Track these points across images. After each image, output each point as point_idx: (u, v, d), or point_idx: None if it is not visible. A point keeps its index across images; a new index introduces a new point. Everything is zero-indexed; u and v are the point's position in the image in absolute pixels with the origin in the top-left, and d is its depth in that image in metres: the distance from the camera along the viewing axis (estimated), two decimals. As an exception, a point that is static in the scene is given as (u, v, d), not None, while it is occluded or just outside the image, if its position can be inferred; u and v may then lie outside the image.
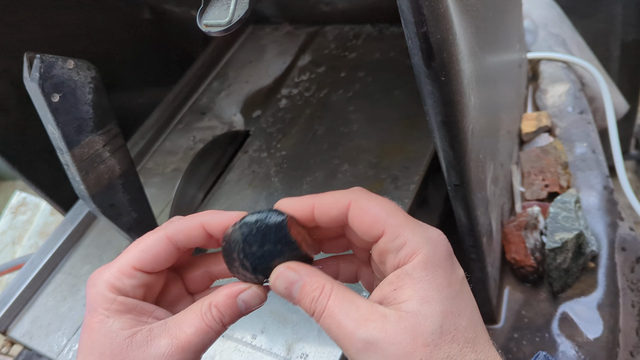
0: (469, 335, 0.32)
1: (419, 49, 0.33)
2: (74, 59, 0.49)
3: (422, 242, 0.33)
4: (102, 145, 0.54)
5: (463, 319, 0.32)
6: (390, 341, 0.30)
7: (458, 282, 0.33)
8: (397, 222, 0.33)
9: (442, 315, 0.31)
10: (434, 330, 0.30)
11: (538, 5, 0.96)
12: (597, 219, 0.66)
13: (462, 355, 0.31)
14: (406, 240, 0.33)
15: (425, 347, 0.30)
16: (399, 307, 0.31)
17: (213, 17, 0.38)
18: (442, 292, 0.32)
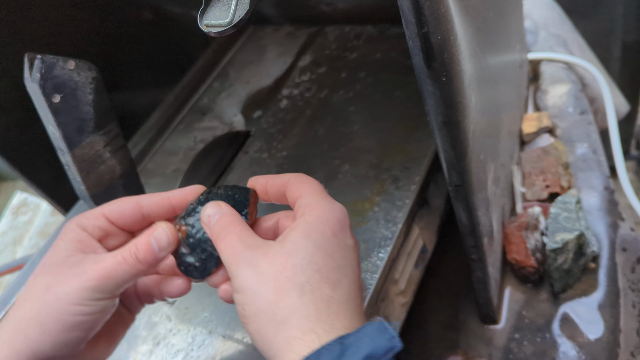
0: (334, 277, 0.37)
1: (420, 50, 0.33)
2: (75, 60, 0.50)
3: (326, 205, 0.40)
4: (102, 146, 0.54)
5: (334, 262, 0.38)
6: (267, 260, 0.37)
7: (343, 241, 0.39)
8: (311, 192, 0.42)
9: (316, 249, 0.37)
10: (304, 257, 0.37)
11: (539, 5, 0.96)
12: (598, 220, 0.66)
13: (320, 286, 0.36)
14: (312, 202, 0.40)
15: (293, 267, 0.36)
16: (286, 240, 0.38)
17: (214, 17, 0.39)
18: (324, 236, 0.38)
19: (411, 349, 0.67)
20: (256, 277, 0.37)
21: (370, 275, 0.54)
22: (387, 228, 0.58)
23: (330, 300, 0.36)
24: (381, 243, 0.57)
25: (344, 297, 0.37)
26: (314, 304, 0.36)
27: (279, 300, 0.36)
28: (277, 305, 0.36)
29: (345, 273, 0.38)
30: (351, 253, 0.39)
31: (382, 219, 0.59)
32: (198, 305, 0.58)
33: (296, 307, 0.36)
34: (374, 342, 0.34)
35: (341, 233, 0.39)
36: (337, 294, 0.37)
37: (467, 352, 0.64)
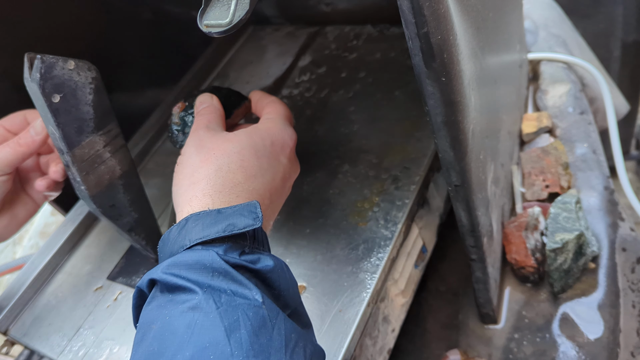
0: (251, 171, 0.46)
1: (420, 50, 0.33)
2: (75, 60, 0.50)
3: (280, 124, 0.51)
4: (102, 146, 0.54)
5: (258, 162, 0.46)
6: (211, 140, 0.47)
7: (276, 154, 0.49)
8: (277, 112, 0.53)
9: (249, 146, 0.47)
10: (235, 147, 0.46)
11: (539, 5, 0.96)
12: (597, 220, 0.66)
13: (236, 172, 0.45)
14: (272, 118, 0.52)
15: (223, 150, 0.46)
16: (233, 132, 0.49)
17: (214, 17, 0.39)
18: (262, 141, 0.48)
19: (411, 349, 0.67)
20: (195, 147, 0.47)
21: (370, 275, 0.54)
22: (386, 228, 0.58)
23: (238, 185, 0.44)
24: (381, 243, 0.57)
25: (251, 189, 0.45)
26: (223, 180, 0.44)
27: (200, 167, 0.45)
28: (196, 170, 0.45)
29: (263, 174, 0.46)
30: (279, 166, 0.48)
31: (382, 218, 0.59)
32: (198, 305, 0.58)
33: (209, 176, 0.44)
34: (241, 216, 0.41)
35: (279, 149, 0.49)
36: (246, 183, 0.45)
37: (466, 352, 0.64)
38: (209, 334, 0.35)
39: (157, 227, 0.63)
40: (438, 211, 0.66)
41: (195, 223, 0.41)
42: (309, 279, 0.57)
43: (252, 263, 0.39)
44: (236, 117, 0.56)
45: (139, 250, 0.64)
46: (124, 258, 0.67)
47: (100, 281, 0.66)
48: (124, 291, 0.64)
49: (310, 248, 0.59)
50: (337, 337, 0.51)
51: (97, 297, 0.64)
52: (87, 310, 0.63)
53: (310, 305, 0.54)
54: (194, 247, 0.40)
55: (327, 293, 0.55)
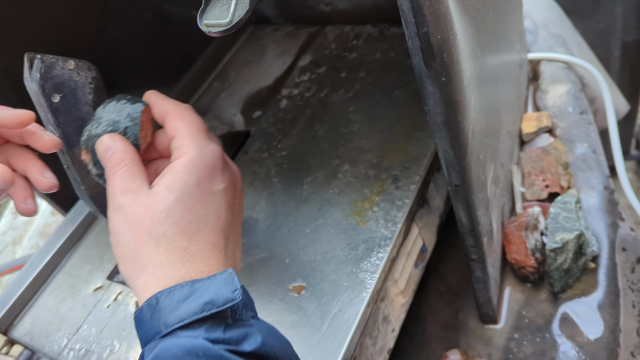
0: (190, 228, 0.40)
1: (420, 50, 0.33)
2: (75, 59, 0.49)
3: (195, 149, 0.42)
4: (102, 146, 0.54)
5: (193, 214, 0.40)
6: (134, 208, 0.40)
7: (208, 189, 0.41)
8: (186, 132, 0.43)
9: (175, 203, 0.40)
10: (162, 210, 0.39)
11: (538, 5, 0.96)
12: (597, 220, 0.66)
13: (175, 238, 0.39)
14: (184, 144, 0.42)
15: (152, 219, 0.39)
16: (153, 189, 0.41)
17: (213, 17, 0.39)
18: (186, 188, 0.40)
19: (411, 349, 0.67)
20: (123, 224, 0.41)
21: (370, 275, 0.54)
22: (386, 228, 0.58)
23: (185, 251, 0.39)
24: (381, 243, 0.57)
25: (200, 246, 0.40)
26: (168, 254, 0.39)
27: (138, 249, 0.40)
28: (137, 253, 0.40)
29: (205, 223, 0.41)
30: (217, 199, 0.42)
31: (382, 218, 0.59)
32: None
33: (152, 256, 0.39)
34: (218, 290, 0.37)
35: (207, 181, 0.42)
36: (193, 244, 0.40)
37: (466, 352, 0.64)
38: None
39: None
40: (438, 211, 0.66)
41: (167, 301, 0.37)
42: (309, 279, 0.57)
43: (239, 343, 0.36)
44: (146, 135, 0.46)
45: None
46: (123, 258, 0.67)
47: (100, 281, 0.66)
48: (124, 291, 0.64)
49: (310, 248, 0.59)
50: (337, 337, 0.51)
51: (96, 297, 0.64)
52: (87, 310, 0.63)
53: (310, 305, 0.54)
54: (173, 334, 0.36)
55: (327, 293, 0.55)
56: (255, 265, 0.60)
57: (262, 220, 0.65)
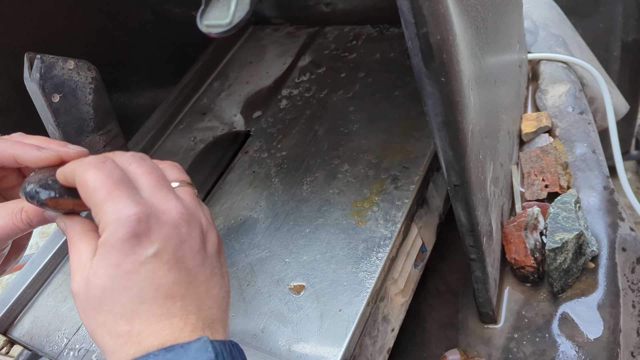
0: (127, 310, 0.37)
1: (419, 50, 0.33)
2: (75, 59, 0.50)
3: (109, 223, 0.37)
4: (102, 146, 0.54)
5: (124, 296, 0.37)
6: (80, 297, 0.38)
7: (131, 263, 0.37)
8: (93, 201, 0.38)
9: (102, 290, 0.37)
10: (96, 299, 0.37)
11: (538, 5, 0.96)
12: (597, 219, 0.66)
13: (115, 325, 0.37)
14: (100, 219, 0.38)
15: (92, 310, 0.38)
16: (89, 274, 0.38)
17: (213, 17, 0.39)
18: (108, 271, 0.37)
19: (410, 348, 0.67)
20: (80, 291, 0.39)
21: (369, 275, 0.54)
22: (386, 228, 0.58)
23: (128, 334, 0.37)
24: (380, 243, 0.57)
25: (144, 324, 0.37)
26: (114, 341, 0.37)
27: (93, 334, 0.39)
28: (95, 338, 0.39)
29: (141, 299, 0.37)
30: (148, 268, 0.37)
31: (382, 218, 0.59)
32: (198, 305, 0.58)
33: (103, 343, 0.38)
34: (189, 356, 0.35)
35: (130, 254, 0.37)
36: (134, 324, 0.37)
37: (466, 352, 0.64)
38: None
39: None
40: (437, 211, 0.66)
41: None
42: (308, 278, 0.57)
43: None
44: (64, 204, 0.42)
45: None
46: (123, 258, 0.67)
47: (100, 281, 0.66)
48: (124, 291, 0.64)
49: (310, 248, 0.59)
50: (336, 336, 0.51)
51: (97, 296, 0.64)
52: (87, 310, 0.63)
53: (309, 304, 0.54)
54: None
55: (326, 292, 0.55)
56: (255, 265, 0.60)
57: (262, 220, 0.65)
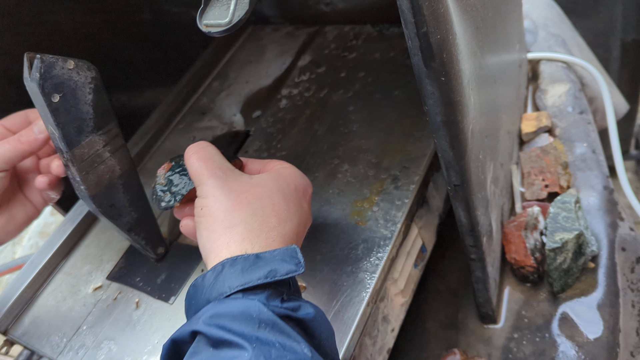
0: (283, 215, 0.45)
1: (419, 49, 0.33)
2: (74, 59, 0.50)
3: (298, 172, 0.50)
4: (102, 146, 0.54)
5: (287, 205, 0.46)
6: (237, 183, 0.46)
7: (299, 199, 0.48)
8: (288, 164, 0.51)
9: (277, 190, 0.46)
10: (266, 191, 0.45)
11: (538, 5, 0.96)
12: (597, 219, 0.66)
13: (270, 216, 0.44)
14: (287, 166, 0.50)
15: (255, 194, 0.45)
16: (256, 176, 0.48)
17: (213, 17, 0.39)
18: (287, 186, 0.47)
19: (410, 348, 0.67)
20: (222, 189, 0.45)
21: (369, 275, 0.54)
22: (386, 227, 0.58)
23: (273, 229, 0.44)
24: (380, 243, 0.57)
25: (284, 232, 0.44)
26: (259, 224, 0.43)
27: (234, 210, 0.43)
28: (230, 214, 0.43)
29: (292, 218, 0.46)
30: (302, 212, 0.47)
31: (382, 218, 0.59)
32: (197, 305, 0.58)
33: (246, 220, 0.43)
34: (282, 261, 0.40)
35: (301, 194, 0.48)
36: (280, 226, 0.44)
37: (466, 352, 0.64)
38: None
39: (156, 226, 0.63)
40: (437, 211, 0.66)
41: (233, 269, 0.40)
42: (308, 279, 0.57)
43: (294, 311, 0.39)
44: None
45: (138, 250, 0.64)
46: (123, 258, 0.67)
47: (100, 281, 0.66)
48: (124, 291, 0.64)
49: (310, 248, 0.59)
50: (336, 336, 0.51)
51: (96, 297, 0.64)
52: (87, 310, 0.63)
53: (309, 304, 0.54)
54: (234, 295, 0.39)
55: (326, 293, 0.55)
56: (254, 265, 0.60)
57: (261, 220, 0.65)
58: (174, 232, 0.67)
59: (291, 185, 0.47)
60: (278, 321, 0.37)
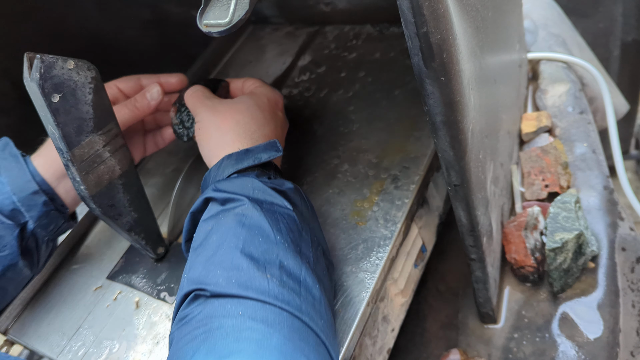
0: (261, 122, 0.58)
1: (419, 49, 0.33)
2: (74, 59, 0.50)
3: (270, 89, 0.64)
4: (102, 146, 0.54)
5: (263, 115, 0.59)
6: (221, 105, 0.59)
7: (273, 110, 0.61)
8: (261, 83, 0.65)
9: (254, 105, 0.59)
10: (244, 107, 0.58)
11: (538, 5, 0.96)
12: (597, 219, 0.66)
13: (250, 124, 0.57)
14: (260, 85, 0.64)
15: (236, 111, 0.58)
16: (237, 98, 0.62)
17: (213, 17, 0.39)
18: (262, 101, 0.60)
19: (410, 348, 0.67)
20: (211, 113, 0.58)
21: (369, 275, 0.54)
22: (386, 227, 0.58)
23: (254, 132, 0.56)
24: (380, 243, 0.57)
25: (264, 133, 0.57)
26: (244, 130, 0.56)
27: (222, 125, 0.56)
28: (220, 127, 0.56)
29: (268, 123, 0.58)
30: (277, 117, 0.61)
31: (382, 218, 0.59)
32: (197, 305, 0.58)
33: (232, 129, 0.56)
34: (265, 151, 0.54)
35: (274, 105, 0.62)
36: (259, 130, 0.57)
37: (466, 352, 0.64)
38: (257, 225, 0.45)
39: (156, 226, 0.63)
40: (437, 211, 0.66)
41: (229, 160, 0.53)
42: (308, 278, 0.56)
43: (279, 185, 0.50)
44: (220, 96, 0.64)
45: (138, 250, 0.64)
46: (123, 258, 0.67)
47: (100, 281, 0.66)
48: (124, 291, 0.64)
49: (309, 248, 0.59)
50: (337, 336, 0.51)
51: (96, 296, 0.64)
52: (87, 310, 0.63)
53: (309, 304, 0.54)
54: (232, 176, 0.52)
55: (326, 293, 0.55)
56: (255, 265, 0.60)
57: (261, 220, 0.65)
58: (174, 232, 0.67)
59: (263, 99, 0.60)
60: (266, 188, 0.49)
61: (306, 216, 0.50)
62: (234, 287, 0.41)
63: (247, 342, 0.38)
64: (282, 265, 0.43)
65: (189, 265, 0.46)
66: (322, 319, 0.43)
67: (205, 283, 0.42)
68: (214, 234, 0.46)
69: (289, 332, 0.39)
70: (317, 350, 0.40)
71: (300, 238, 0.47)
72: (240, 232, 0.45)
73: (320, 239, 0.51)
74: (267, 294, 0.41)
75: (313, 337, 0.41)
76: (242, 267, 0.42)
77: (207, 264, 0.44)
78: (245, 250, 0.43)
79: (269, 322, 0.39)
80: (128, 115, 0.61)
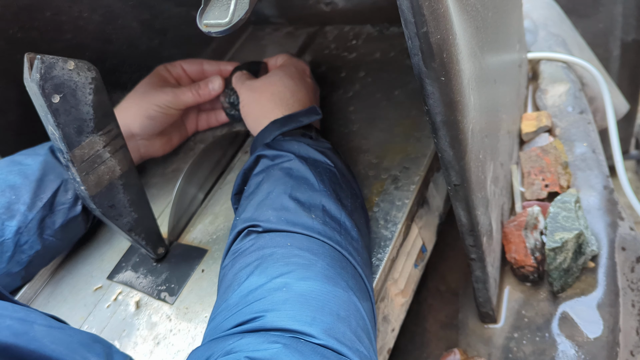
0: (293, 89, 0.66)
1: (419, 49, 0.33)
2: (75, 60, 0.50)
3: (297, 60, 0.73)
4: (102, 146, 0.54)
5: (295, 83, 0.66)
6: (258, 82, 0.68)
7: (303, 77, 0.69)
8: (289, 57, 0.74)
9: (285, 75, 0.67)
10: (277, 79, 0.67)
11: (538, 5, 0.96)
12: (597, 219, 0.66)
13: (284, 93, 0.65)
14: (288, 59, 0.73)
15: (270, 83, 0.66)
16: (270, 73, 0.70)
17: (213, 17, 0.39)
18: (292, 71, 0.69)
19: (411, 348, 0.67)
20: (250, 91, 0.67)
21: (369, 275, 0.54)
22: (386, 228, 0.58)
23: (289, 98, 0.64)
24: (381, 243, 0.57)
25: (298, 98, 0.65)
26: (280, 99, 0.64)
27: (260, 98, 0.65)
28: (258, 100, 0.65)
29: (300, 89, 0.66)
30: (307, 83, 0.68)
31: (382, 218, 0.59)
32: (198, 305, 0.58)
33: (270, 100, 0.64)
34: (305, 115, 0.61)
35: (302, 73, 0.70)
36: (293, 97, 0.64)
37: (466, 352, 0.64)
38: (303, 176, 0.52)
39: (156, 227, 0.63)
40: (438, 211, 0.66)
41: (274, 125, 0.60)
42: (308, 278, 0.56)
43: (320, 146, 0.57)
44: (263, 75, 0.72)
45: (138, 250, 0.64)
46: (123, 258, 0.67)
47: (100, 281, 0.66)
48: (124, 291, 0.64)
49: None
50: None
51: (96, 297, 0.64)
52: (87, 310, 0.63)
53: (310, 304, 0.54)
54: (277, 138, 0.58)
55: (326, 293, 0.55)
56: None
57: (262, 220, 0.65)
58: (174, 232, 0.67)
59: (292, 69, 0.68)
60: (309, 147, 0.56)
61: (344, 172, 0.56)
62: (283, 224, 0.48)
63: (295, 265, 0.44)
64: (324, 209, 0.49)
65: (241, 209, 0.53)
66: (359, 256, 0.49)
67: (258, 220, 0.49)
68: (264, 182, 0.53)
69: (331, 261, 0.45)
70: (354, 277, 0.46)
71: (340, 189, 0.53)
72: (288, 181, 0.51)
73: (357, 192, 0.56)
74: (312, 230, 0.47)
75: (351, 268, 0.47)
76: (290, 208, 0.49)
77: (260, 206, 0.50)
78: (292, 195, 0.50)
79: (313, 251, 0.46)
80: (191, 99, 0.72)
